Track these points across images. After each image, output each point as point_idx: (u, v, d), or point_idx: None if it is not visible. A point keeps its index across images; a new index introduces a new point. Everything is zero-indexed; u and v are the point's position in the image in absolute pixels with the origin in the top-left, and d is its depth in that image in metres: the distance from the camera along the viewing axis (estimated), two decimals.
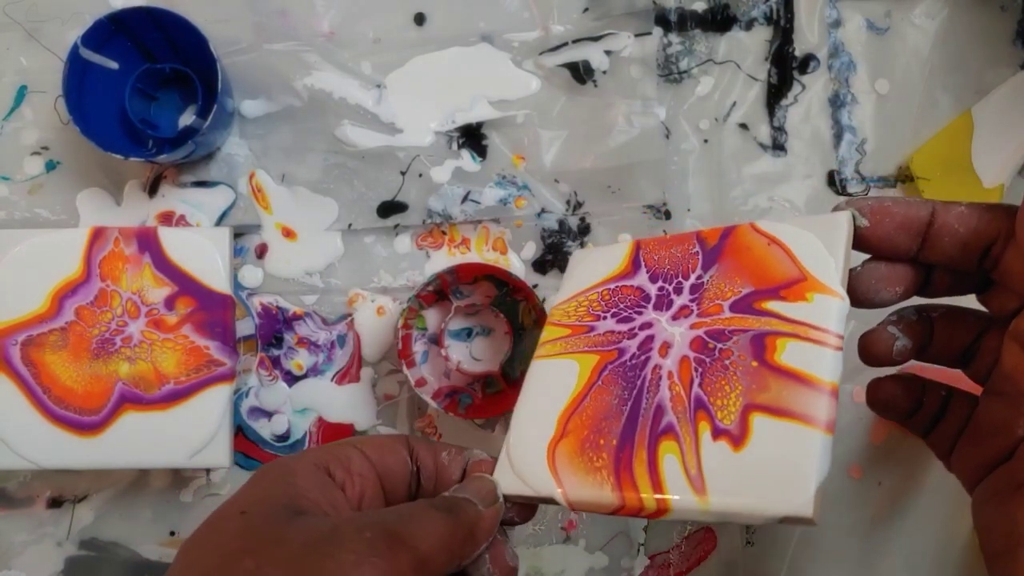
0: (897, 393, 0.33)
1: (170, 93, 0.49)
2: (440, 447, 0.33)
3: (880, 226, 0.30)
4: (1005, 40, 0.50)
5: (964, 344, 0.32)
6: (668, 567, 0.49)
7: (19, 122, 0.49)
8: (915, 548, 0.49)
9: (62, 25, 0.49)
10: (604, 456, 0.30)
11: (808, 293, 0.30)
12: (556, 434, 0.32)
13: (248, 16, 0.49)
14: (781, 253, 0.31)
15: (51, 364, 0.45)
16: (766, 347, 0.29)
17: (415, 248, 0.50)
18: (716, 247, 0.33)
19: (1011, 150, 0.48)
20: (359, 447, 0.32)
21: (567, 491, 0.30)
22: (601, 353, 0.33)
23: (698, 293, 0.32)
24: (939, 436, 0.33)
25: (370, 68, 0.49)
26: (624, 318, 0.33)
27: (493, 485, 0.32)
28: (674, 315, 0.32)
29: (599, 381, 0.32)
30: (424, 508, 0.29)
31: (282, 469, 0.30)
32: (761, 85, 0.50)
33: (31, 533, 0.49)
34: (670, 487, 0.28)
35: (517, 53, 0.49)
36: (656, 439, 0.29)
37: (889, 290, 0.31)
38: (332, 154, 0.49)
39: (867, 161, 0.50)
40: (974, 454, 0.32)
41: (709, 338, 0.30)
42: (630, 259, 0.35)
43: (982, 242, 0.29)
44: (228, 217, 0.49)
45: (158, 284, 0.46)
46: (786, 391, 0.28)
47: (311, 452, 0.31)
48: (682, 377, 0.30)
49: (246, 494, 0.29)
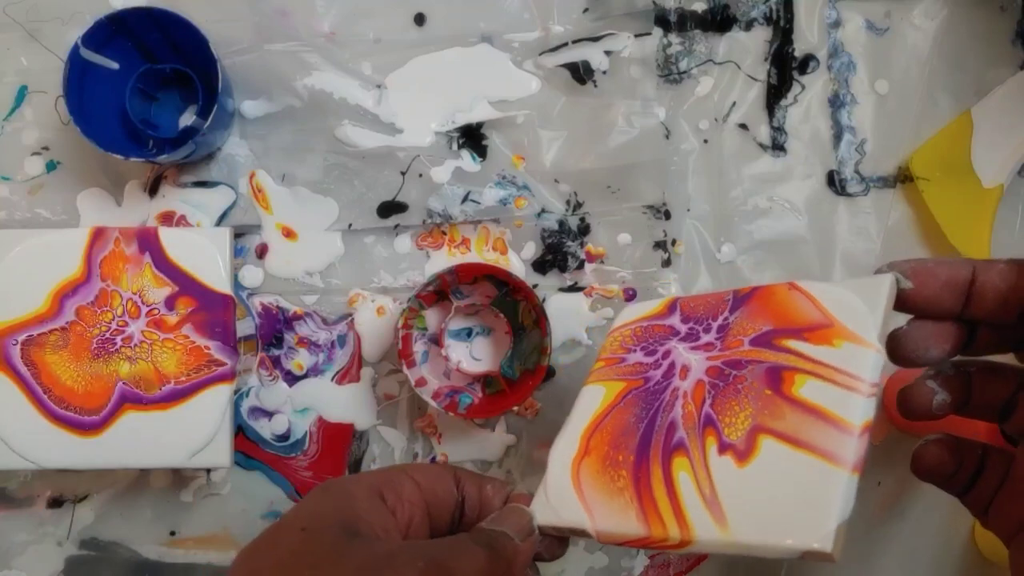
0: (944, 458, 0.33)
1: (170, 93, 0.49)
2: (485, 480, 0.35)
3: (925, 287, 0.30)
4: (1004, 40, 0.50)
5: (1002, 399, 0.32)
6: (668, 567, 0.49)
7: (20, 122, 0.49)
8: (914, 548, 0.49)
9: (63, 25, 0.49)
10: (624, 474, 0.31)
11: (836, 340, 0.30)
12: (580, 451, 0.34)
13: (248, 16, 0.49)
14: (806, 301, 0.32)
15: (51, 364, 0.45)
16: (782, 379, 0.30)
17: (415, 248, 0.50)
18: (746, 295, 0.34)
19: (1011, 150, 0.48)
20: (411, 475, 0.34)
21: (595, 521, 0.31)
22: (628, 381, 0.35)
23: (723, 332, 0.33)
24: (977, 494, 0.33)
25: (370, 68, 0.49)
26: (651, 351, 0.35)
27: (529, 517, 0.33)
28: (696, 347, 0.34)
29: (621, 403, 0.34)
30: (467, 543, 0.31)
31: (341, 490, 0.32)
32: (761, 85, 0.50)
33: (31, 533, 0.49)
34: (690, 513, 0.29)
35: (517, 53, 0.49)
36: (669, 455, 0.31)
37: (937, 347, 0.31)
38: (332, 154, 0.49)
39: (867, 161, 0.50)
40: (1012, 509, 0.32)
41: (725, 366, 0.32)
42: (667, 306, 0.37)
43: (1022, 295, 0.30)
44: (228, 217, 0.49)
45: (158, 284, 0.46)
46: (805, 425, 0.28)
47: (368, 476, 0.33)
48: (695, 397, 0.32)
49: (306, 510, 0.31)
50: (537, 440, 0.49)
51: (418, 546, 0.30)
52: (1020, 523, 0.31)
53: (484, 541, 0.31)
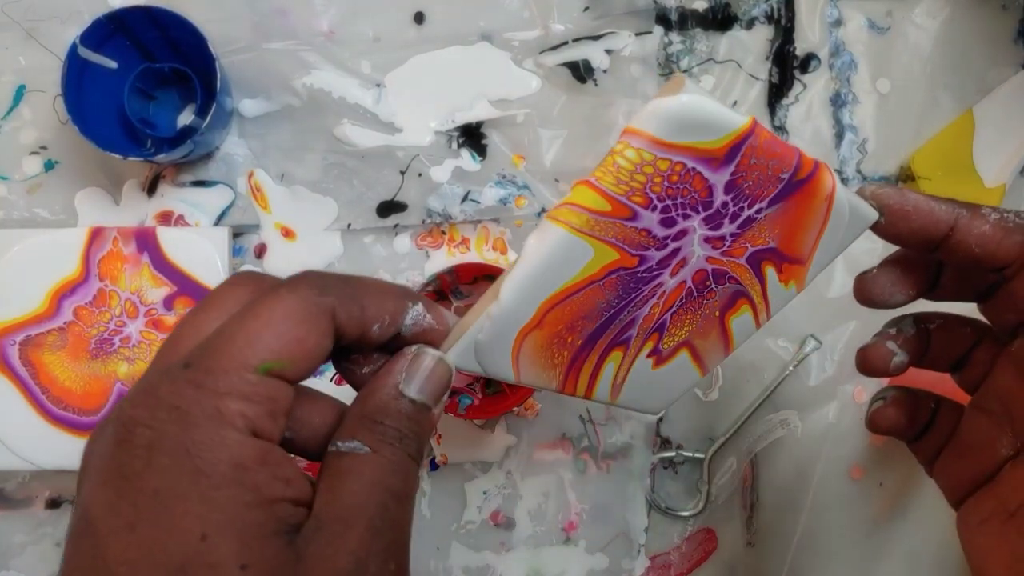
0: (900, 421, 0.34)
1: (169, 92, 0.49)
2: (372, 314, 0.25)
3: (893, 227, 0.30)
4: (1006, 39, 0.50)
5: (959, 354, 0.33)
6: (669, 568, 0.49)
7: (18, 121, 0.49)
8: (916, 549, 0.49)
9: (61, 24, 0.49)
10: (565, 355, 0.30)
11: (792, 281, 0.31)
12: (532, 322, 0.29)
13: (247, 15, 0.48)
14: (819, 223, 0.30)
15: (50, 364, 0.45)
16: (735, 305, 0.31)
17: (415, 248, 0.49)
18: (796, 184, 0.29)
19: (1013, 149, 0.47)
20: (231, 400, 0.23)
21: (519, 378, 0.29)
22: (623, 254, 0.29)
23: (745, 228, 0.30)
24: (925, 444, 0.34)
25: (369, 67, 0.49)
26: (671, 221, 0.29)
27: (449, 372, 0.27)
28: (708, 238, 0.30)
29: (601, 282, 0.29)
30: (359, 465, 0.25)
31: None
32: (762, 84, 0.50)
33: (30, 534, 0.49)
34: (596, 392, 0.31)
35: (517, 52, 0.49)
36: (611, 348, 0.30)
37: (903, 292, 0.32)
38: (331, 153, 0.49)
39: (868, 160, 0.50)
40: (957, 467, 0.32)
41: (712, 276, 0.31)
42: (729, 144, 0.28)
43: (996, 264, 0.29)
44: (227, 217, 0.49)
45: (157, 284, 0.46)
46: (715, 349, 0.32)
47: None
48: (668, 301, 0.31)
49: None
50: (537, 441, 0.49)
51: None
52: (963, 482, 0.32)
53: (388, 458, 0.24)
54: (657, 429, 0.49)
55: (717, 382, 0.49)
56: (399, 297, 0.26)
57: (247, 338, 0.23)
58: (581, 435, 0.49)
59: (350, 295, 0.25)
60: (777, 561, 0.48)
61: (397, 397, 0.26)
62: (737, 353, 0.50)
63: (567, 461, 0.49)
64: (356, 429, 0.25)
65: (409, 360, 0.26)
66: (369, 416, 0.25)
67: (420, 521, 0.48)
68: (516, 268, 0.28)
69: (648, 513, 0.49)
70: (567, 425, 0.49)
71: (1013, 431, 0.30)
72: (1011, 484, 0.30)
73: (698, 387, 0.49)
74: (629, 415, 0.49)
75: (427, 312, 0.27)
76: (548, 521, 0.49)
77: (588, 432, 0.49)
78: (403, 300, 0.26)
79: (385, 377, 0.26)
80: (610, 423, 0.49)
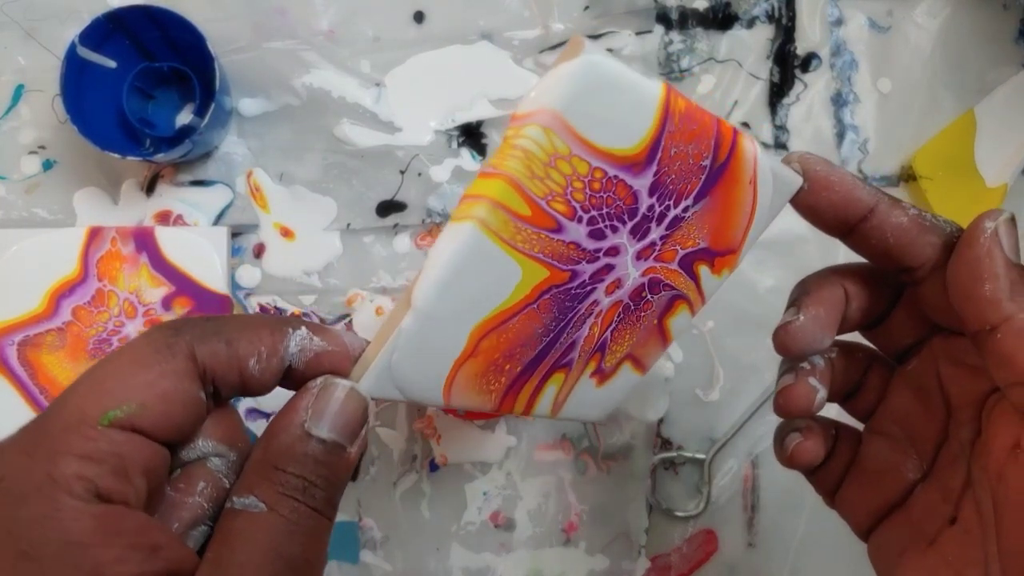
0: (820, 452, 0.31)
1: (168, 92, 0.49)
2: (243, 350, 0.22)
3: (815, 195, 0.28)
4: (1008, 39, 0.50)
5: (855, 380, 0.32)
6: (669, 569, 0.49)
7: (16, 121, 0.49)
8: None
9: (60, 24, 0.49)
10: (503, 381, 0.28)
11: (726, 269, 0.31)
12: (466, 351, 0.26)
13: (247, 14, 0.48)
14: (748, 208, 0.29)
15: (48, 365, 0.45)
16: (672, 308, 0.31)
17: (414, 248, 0.49)
18: (718, 169, 0.28)
19: (1014, 149, 0.47)
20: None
21: (449, 402, 0.27)
22: (553, 270, 0.27)
23: (673, 229, 0.29)
24: (825, 474, 0.32)
25: (369, 67, 0.49)
26: (598, 232, 0.27)
27: (364, 406, 0.23)
28: (640, 252, 0.29)
29: (535, 304, 0.27)
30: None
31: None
32: (763, 84, 0.50)
33: None
34: (535, 411, 0.31)
35: (517, 51, 0.49)
36: (552, 372, 0.30)
37: (829, 336, 0.29)
38: (331, 153, 0.49)
39: (869, 160, 0.50)
40: (862, 495, 0.31)
41: (647, 288, 0.30)
42: (651, 139, 0.26)
43: (908, 262, 0.28)
44: (226, 216, 0.49)
45: (155, 284, 0.46)
46: (653, 350, 0.32)
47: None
48: (605, 319, 0.30)
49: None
50: (537, 441, 0.49)
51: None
52: (871, 511, 0.30)
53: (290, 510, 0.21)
54: (658, 430, 0.49)
55: (718, 382, 0.49)
56: (273, 326, 0.23)
57: (90, 388, 0.20)
58: (581, 436, 0.49)
59: (212, 331, 0.22)
60: (778, 563, 0.48)
61: (303, 439, 0.22)
62: (738, 353, 0.51)
63: (567, 462, 0.49)
64: (254, 481, 0.22)
65: (315, 394, 0.23)
66: (270, 463, 0.22)
67: (420, 521, 0.48)
68: (424, 274, 0.25)
69: (649, 514, 0.49)
70: (567, 426, 0.49)
71: (917, 453, 0.29)
72: (924, 508, 0.29)
73: (698, 388, 0.49)
74: (630, 415, 0.49)
75: (313, 335, 0.24)
76: (548, 522, 0.49)
77: (588, 433, 0.49)
78: (279, 328, 0.23)
79: (288, 416, 0.22)
80: (610, 424, 0.49)
